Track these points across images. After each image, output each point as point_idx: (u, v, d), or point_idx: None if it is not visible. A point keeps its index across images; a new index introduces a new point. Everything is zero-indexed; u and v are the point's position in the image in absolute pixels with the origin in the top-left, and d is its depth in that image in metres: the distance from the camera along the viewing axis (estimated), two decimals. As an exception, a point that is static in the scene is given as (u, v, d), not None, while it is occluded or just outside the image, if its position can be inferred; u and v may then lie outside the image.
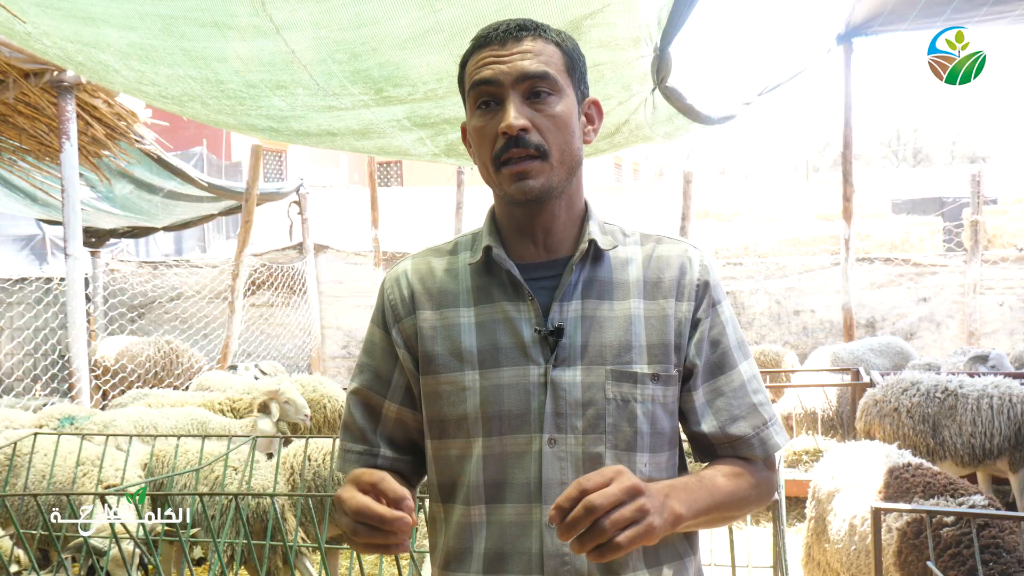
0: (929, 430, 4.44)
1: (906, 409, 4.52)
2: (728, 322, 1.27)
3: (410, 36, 2.64)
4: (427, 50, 2.76)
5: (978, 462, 4.43)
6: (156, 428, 4.21)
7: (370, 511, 1.05)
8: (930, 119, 51.36)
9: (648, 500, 1.02)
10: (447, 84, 3.13)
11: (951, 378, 4.63)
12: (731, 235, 13.22)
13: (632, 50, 2.98)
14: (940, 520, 2.59)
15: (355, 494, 1.08)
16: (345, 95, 3.11)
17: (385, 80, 2.98)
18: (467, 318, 1.25)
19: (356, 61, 2.75)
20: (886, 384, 4.75)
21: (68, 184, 4.71)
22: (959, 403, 4.41)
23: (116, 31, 2.47)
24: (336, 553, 4.00)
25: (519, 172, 1.19)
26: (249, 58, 2.66)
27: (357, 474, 1.12)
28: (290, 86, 2.99)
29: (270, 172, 20.45)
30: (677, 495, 1.10)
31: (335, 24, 2.48)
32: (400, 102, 3.35)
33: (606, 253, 1.26)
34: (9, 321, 8.41)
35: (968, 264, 8.45)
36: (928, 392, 4.52)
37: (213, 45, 2.55)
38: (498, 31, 1.22)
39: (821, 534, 3.24)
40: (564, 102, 1.21)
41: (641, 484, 1.02)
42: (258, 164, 7.35)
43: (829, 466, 3.39)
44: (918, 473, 2.96)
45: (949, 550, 2.53)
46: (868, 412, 4.76)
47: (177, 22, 2.41)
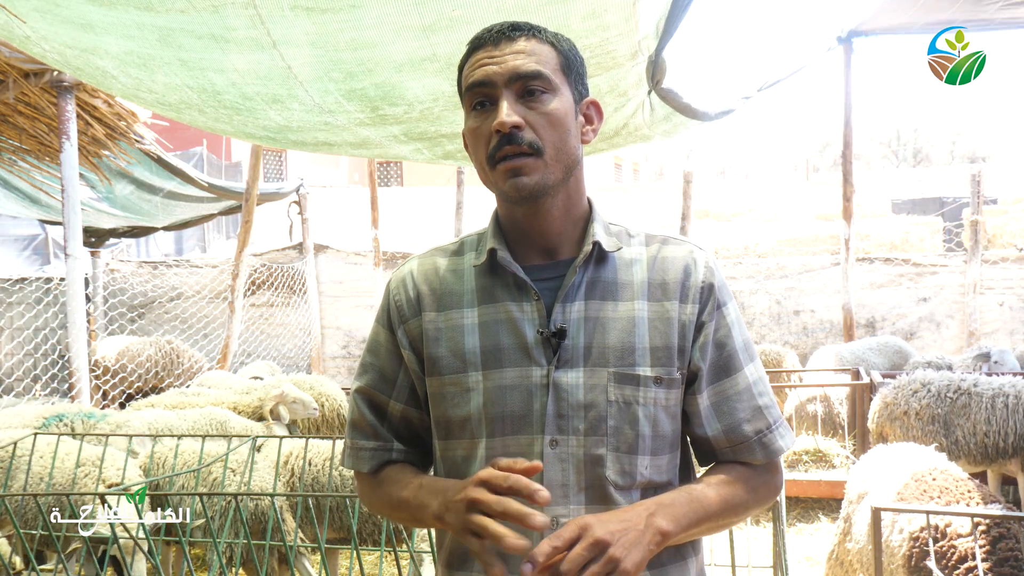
0: (940, 430, 4.43)
1: (915, 412, 4.51)
2: (734, 324, 1.26)
3: (406, 61, 2.65)
4: (423, 74, 2.78)
5: (990, 461, 4.42)
6: (171, 429, 4.19)
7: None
8: (930, 119, 51.40)
9: (616, 548, 1.03)
10: (443, 103, 3.12)
11: (965, 377, 4.61)
12: (731, 235, 13.21)
13: (629, 63, 3.00)
14: (955, 532, 2.53)
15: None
16: (341, 112, 3.12)
17: (381, 99, 2.98)
18: (471, 319, 1.25)
19: (352, 80, 2.75)
20: (897, 386, 4.72)
21: (68, 184, 4.70)
22: (973, 402, 4.40)
23: (114, 39, 2.46)
24: (336, 553, 4.00)
25: (513, 168, 1.18)
26: (246, 70, 2.66)
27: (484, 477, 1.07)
28: (286, 100, 2.98)
29: (270, 172, 20.44)
30: (663, 512, 1.11)
31: (331, 45, 2.48)
32: (396, 122, 3.35)
33: (611, 254, 1.25)
34: (9, 321, 8.41)
35: (968, 264, 8.45)
36: (939, 393, 4.51)
37: (210, 56, 2.54)
38: (492, 32, 1.22)
39: (847, 534, 3.24)
40: (559, 100, 1.20)
41: (607, 534, 1.03)
42: (258, 164, 7.35)
43: (864, 468, 3.39)
44: (940, 477, 2.92)
45: (965, 563, 2.44)
46: (880, 415, 4.74)
47: (175, 33, 2.40)
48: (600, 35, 2.66)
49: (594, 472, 1.18)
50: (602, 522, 1.05)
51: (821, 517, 5.43)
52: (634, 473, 1.19)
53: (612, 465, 1.18)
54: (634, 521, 1.07)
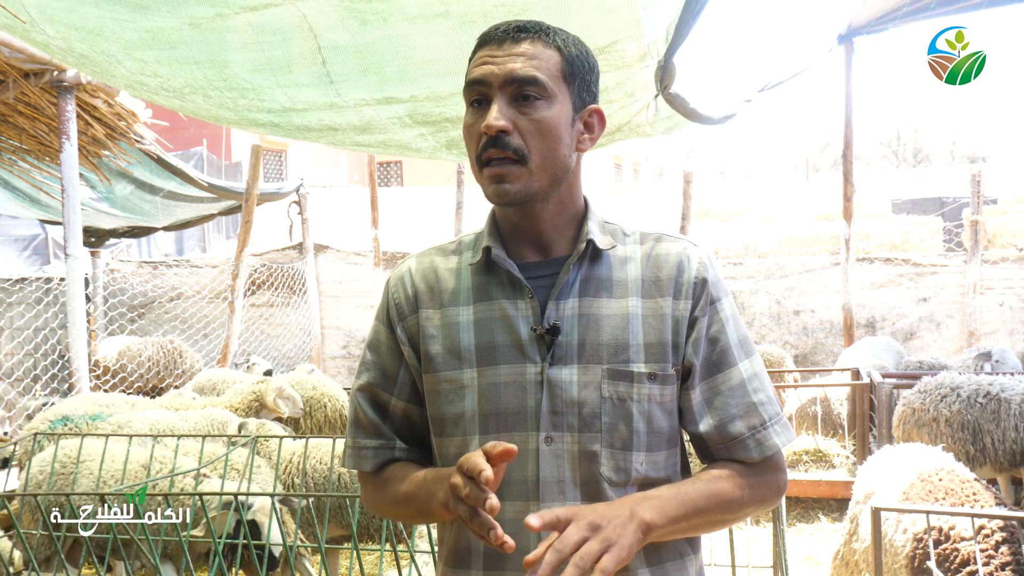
0: (969, 437, 4.34)
1: (944, 418, 4.40)
2: (729, 319, 1.26)
3: (420, 15, 2.64)
4: (434, 31, 2.75)
5: (1015, 466, 4.35)
6: (173, 430, 4.20)
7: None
8: (930, 119, 51.43)
9: (608, 529, 1.04)
10: (450, 83, 3.12)
11: (992, 380, 4.51)
12: (731, 235, 13.21)
13: (638, 65, 3.00)
14: (959, 535, 2.51)
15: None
16: (349, 83, 3.08)
17: (392, 58, 2.93)
18: (466, 316, 1.25)
19: (366, 29, 2.70)
20: (923, 391, 4.61)
21: (68, 184, 4.70)
22: (1002, 407, 4.30)
23: (125, 10, 2.44)
24: (336, 553, 4.00)
25: (497, 175, 1.19)
26: (260, 25, 2.60)
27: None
28: (295, 68, 2.94)
29: (270, 172, 20.45)
30: (647, 504, 1.12)
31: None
32: (402, 102, 3.34)
33: (605, 252, 1.26)
34: (9, 321, 8.40)
35: (968, 264, 8.45)
36: (969, 398, 4.40)
37: (224, 12, 2.50)
38: (499, 31, 1.22)
39: (853, 534, 3.23)
40: (553, 108, 1.19)
41: (599, 517, 1.05)
42: (258, 164, 7.35)
43: (872, 468, 3.38)
44: (946, 478, 2.90)
45: (967, 567, 2.43)
46: (906, 421, 4.62)
47: (187, 1, 2.40)
48: (610, 36, 2.66)
49: (589, 468, 1.19)
50: (593, 508, 1.07)
51: (821, 517, 5.43)
52: (628, 469, 1.19)
53: (606, 461, 1.19)
54: (620, 510, 1.09)
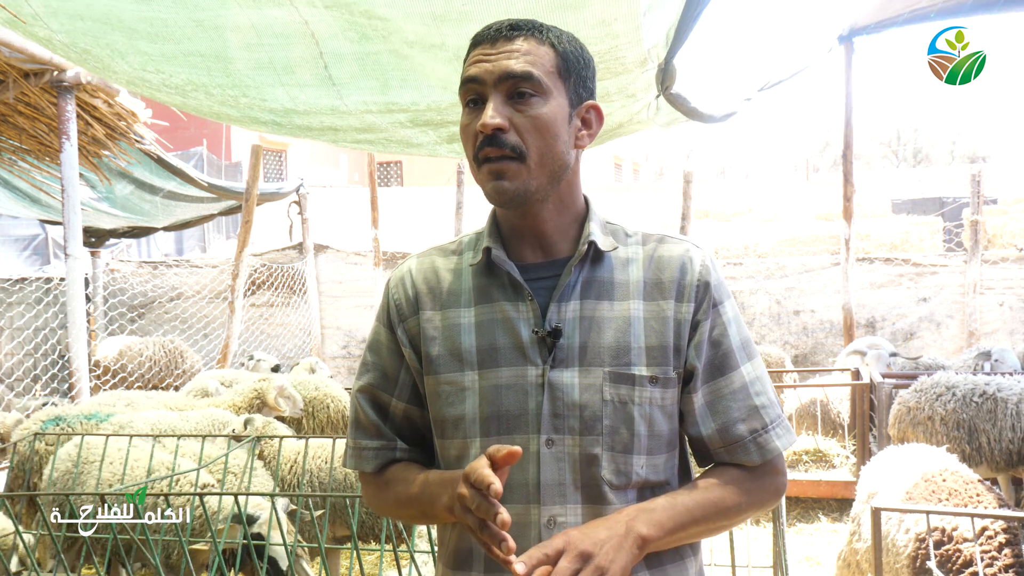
0: (964, 436, 4.33)
1: (940, 417, 4.40)
2: (731, 322, 1.25)
3: (417, 41, 2.65)
4: (433, 60, 2.78)
5: (1012, 466, 4.35)
6: (175, 430, 4.19)
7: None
8: (930, 119, 51.43)
9: (600, 557, 1.05)
10: (452, 96, 3.12)
11: (988, 380, 4.52)
12: (731, 235, 13.20)
13: (638, 70, 3.00)
14: (961, 536, 2.51)
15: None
16: (351, 86, 3.08)
17: (394, 69, 2.94)
18: (467, 318, 1.25)
19: (367, 43, 2.71)
20: (919, 390, 4.62)
21: (68, 184, 4.70)
22: (998, 407, 4.30)
23: (130, 2, 2.44)
24: (336, 553, 4.00)
25: (495, 171, 1.18)
26: (263, 27, 2.60)
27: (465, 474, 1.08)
28: (297, 68, 2.94)
29: (270, 172, 20.43)
30: (644, 518, 1.12)
31: (346, 8, 2.47)
32: (404, 111, 3.35)
33: (607, 254, 1.25)
34: (9, 321, 8.40)
35: (968, 264, 8.45)
36: (964, 397, 4.40)
37: (226, 12, 2.50)
38: (491, 30, 1.21)
39: (855, 534, 3.23)
40: (549, 104, 1.19)
41: (591, 545, 1.05)
42: (258, 164, 7.35)
43: (876, 468, 3.37)
44: (950, 479, 2.90)
45: (969, 568, 2.43)
46: (901, 420, 4.63)
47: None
48: (609, 43, 2.65)
49: (589, 471, 1.18)
50: (585, 534, 1.07)
51: (821, 517, 5.43)
52: (629, 472, 1.19)
53: (607, 464, 1.18)
54: (615, 528, 1.09)
